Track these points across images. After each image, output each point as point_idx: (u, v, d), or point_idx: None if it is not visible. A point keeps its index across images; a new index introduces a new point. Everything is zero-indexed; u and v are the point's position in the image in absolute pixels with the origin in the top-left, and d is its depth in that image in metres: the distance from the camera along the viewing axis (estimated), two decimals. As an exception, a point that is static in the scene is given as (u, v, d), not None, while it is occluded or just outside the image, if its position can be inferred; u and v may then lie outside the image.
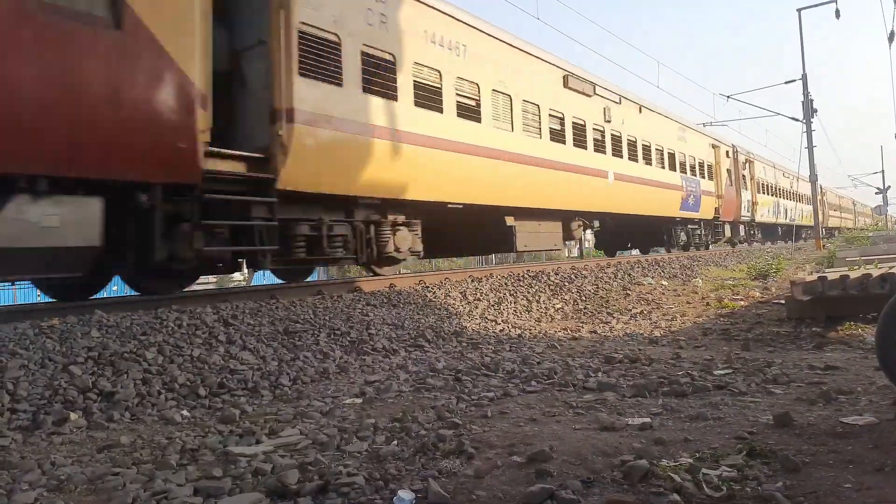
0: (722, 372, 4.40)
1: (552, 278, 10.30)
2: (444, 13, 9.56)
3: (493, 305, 8.27)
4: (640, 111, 15.76)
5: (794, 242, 32.07)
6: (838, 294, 6.64)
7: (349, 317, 6.35)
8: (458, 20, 9.84)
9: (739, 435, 2.88)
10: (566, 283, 10.21)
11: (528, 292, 9.23)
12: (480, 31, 10.36)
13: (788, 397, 3.65)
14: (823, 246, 24.99)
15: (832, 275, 7.11)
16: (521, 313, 8.33)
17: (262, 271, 12.15)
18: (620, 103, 14.67)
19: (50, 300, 7.06)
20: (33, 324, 4.68)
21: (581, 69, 13.39)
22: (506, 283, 9.36)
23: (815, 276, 7.22)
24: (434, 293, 8.01)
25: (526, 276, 10.11)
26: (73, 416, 3.54)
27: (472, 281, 9.11)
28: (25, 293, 25.45)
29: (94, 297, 6.87)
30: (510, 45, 11.15)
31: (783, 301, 7.86)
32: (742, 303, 9.14)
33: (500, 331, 7.13)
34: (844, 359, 4.84)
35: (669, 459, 2.57)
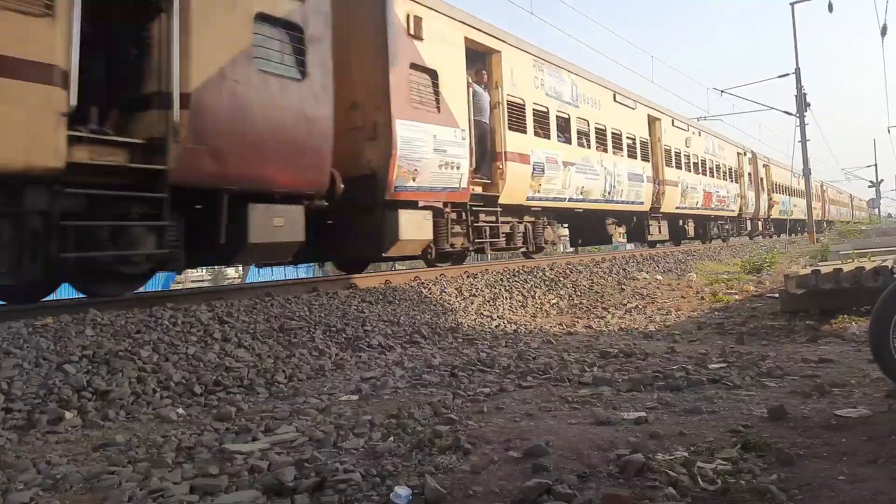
0: (717, 366, 4.42)
1: (547, 273, 10.31)
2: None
3: (488, 301, 8.27)
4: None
5: (797, 235, 34.12)
6: (832, 287, 6.68)
7: (345, 313, 6.34)
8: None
9: (734, 428, 2.90)
10: (561, 279, 10.22)
11: (524, 288, 9.24)
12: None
13: (783, 390, 3.67)
14: (817, 239, 25.14)
15: (825, 268, 7.15)
16: (516, 309, 8.34)
17: (258, 269, 12.24)
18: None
19: (43, 299, 7.01)
20: (27, 323, 4.66)
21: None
22: (501, 279, 9.36)
23: (808, 270, 7.25)
24: (429, 289, 8.01)
25: (521, 271, 10.12)
26: (68, 415, 3.52)
27: (468, 277, 9.12)
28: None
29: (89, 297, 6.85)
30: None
31: (777, 295, 7.89)
32: (736, 297, 9.18)
33: (496, 326, 7.14)
34: (838, 351, 4.87)
35: (665, 453, 2.59)
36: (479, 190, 10.28)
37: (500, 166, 10.54)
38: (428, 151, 8.71)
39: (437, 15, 9.21)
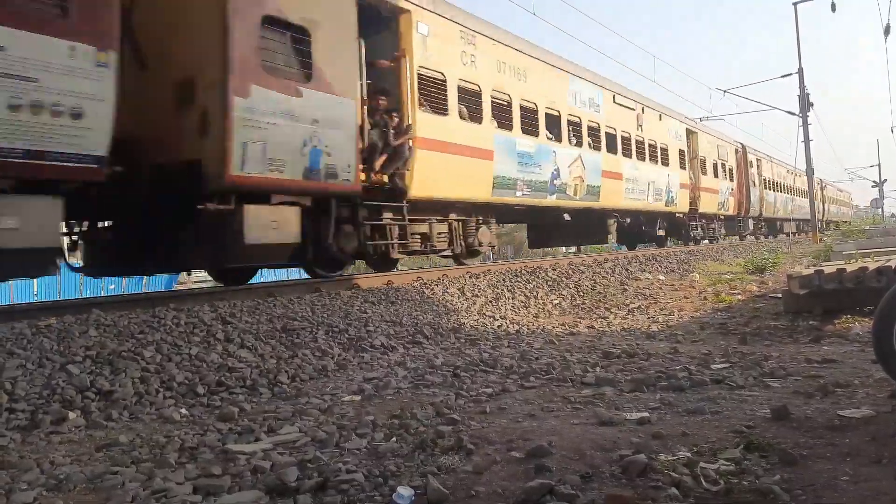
0: (720, 366, 4.41)
1: (550, 274, 10.30)
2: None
3: (490, 301, 8.27)
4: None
5: (788, 237, 32.80)
6: (835, 287, 6.66)
7: (347, 314, 6.34)
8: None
9: (737, 429, 2.89)
10: (563, 279, 10.21)
11: (526, 288, 9.24)
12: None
13: (786, 391, 3.67)
14: (820, 239, 25.07)
15: (829, 268, 7.13)
16: (518, 309, 8.34)
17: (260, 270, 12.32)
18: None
19: (47, 300, 7.04)
20: (31, 323, 4.67)
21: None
22: (503, 279, 9.36)
23: (811, 270, 7.23)
24: (432, 290, 8.01)
25: (523, 271, 10.12)
26: (71, 415, 3.53)
27: (470, 277, 9.12)
28: (22, 293, 25.39)
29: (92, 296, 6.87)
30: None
31: (780, 295, 7.87)
32: (739, 297, 9.15)
33: (498, 327, 7.14)
34: (841, 352, 4.86)
35: (668, 454, 2.58)
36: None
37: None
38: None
39: None
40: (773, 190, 30.22)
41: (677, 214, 19.27)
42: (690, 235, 20.63)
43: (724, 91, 28.77)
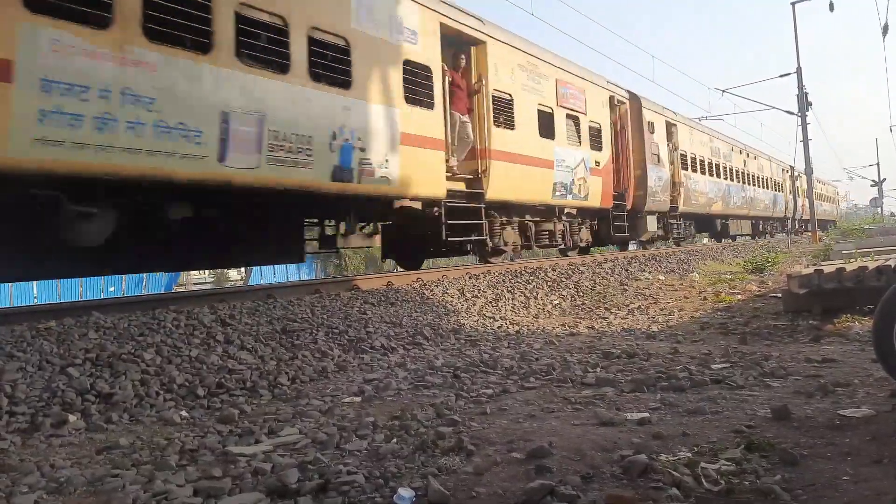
0: (720, 366, 4.41)
1: (550, 274, 10.30)
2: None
3: (490, 302, 8.27)
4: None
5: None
6: (834, 287, 6.66)
7: (347, 315, 6.34)
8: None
9: (738, 429, 2.89)
10: (563, 279, 10.22)
11: (526, 288, 9.24)
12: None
13: (786, 390, 3.67)
14: (820, 239, 25.05)
15: (828, 268, 7.14)
16: (518, 309, 8.34)
17: (261, 271, 12.40)
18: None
19: (47, 302, 7.04)
20: (30, 326, 4.67)
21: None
22: (503, 280, 9.36)
23: (811, 269, 7.24)
24: (432, 290, 8.01)
25: (524, 272, 10.12)
26: (71, 417, 3.53)
27: (470, 278, 9.12)
28: (22, 295, 25.40)
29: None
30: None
31: (780, 294, 7.88)
32: (739, 297, 9.16)
33: (498, 327, 7.14)
34: (841, 351, 4.86)
35: (668, 454, 2.58)
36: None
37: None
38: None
39: None
40: (707, 173, 21.17)
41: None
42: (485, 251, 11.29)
43: (723, 91, 28.76)
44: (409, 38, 8.70)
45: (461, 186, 9.90)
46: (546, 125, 11.88)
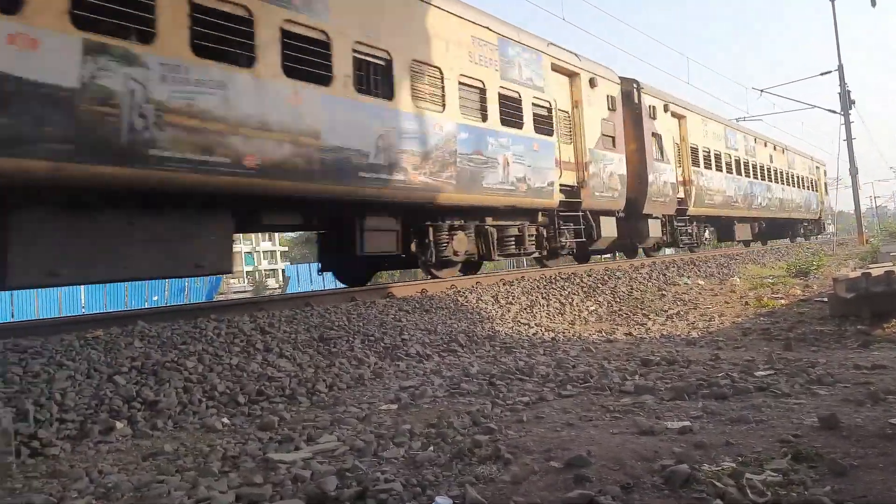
0: (763, 373, 4.30)
1: (585, 280, 10.20)
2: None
3: (525, 309, 8.23)
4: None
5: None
6: (883, 290, 6.43)
7: (382, 323, 6.39)
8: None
9: (783, 438, 2.81)
10: (599, 285, 10.10)
11: (561, 294, 9.16)
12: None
13: (834, 398, 3.55)
14: (867, 240, 24.22)
15: (876, 270, 6.90)
16: (553, 316, 8.27)
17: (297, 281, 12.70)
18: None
19: (93, 312, 7.26)
20: (79, 335, 4.83)
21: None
22: (538, 286, 9.31)
23: (858, 273, 7.01)
24: (466, 297, 8.01)
25: (558, 278, 10.04)
26: (118, 424, 3.64)
27: (504, 284, 9.09)
28: (69, 305, 26.28)
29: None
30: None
31: (825, 299, 7.64)
32: (783, 301, 8.91)
33: (534, 334, 7.10)
34: (892, 357, 4.68)
35: (711, 464, 2.53)
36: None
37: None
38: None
39: None
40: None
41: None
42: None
43: (762, 91, 28.11)
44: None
45: None
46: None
